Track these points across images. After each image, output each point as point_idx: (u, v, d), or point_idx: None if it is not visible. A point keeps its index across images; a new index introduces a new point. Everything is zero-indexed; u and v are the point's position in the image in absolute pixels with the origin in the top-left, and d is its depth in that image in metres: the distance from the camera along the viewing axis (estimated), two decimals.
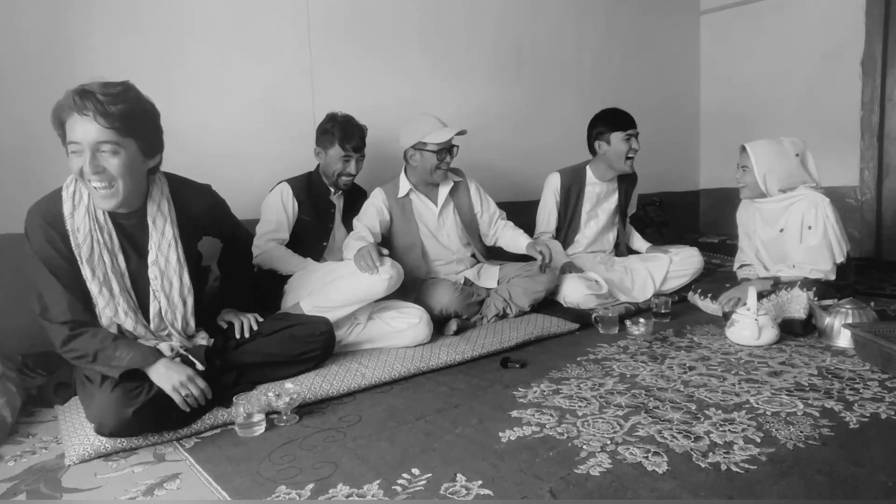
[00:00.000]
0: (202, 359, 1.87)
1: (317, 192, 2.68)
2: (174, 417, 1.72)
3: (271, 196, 2.61)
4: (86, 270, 1.71)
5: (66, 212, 1.70)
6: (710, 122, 4.84)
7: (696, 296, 3.03)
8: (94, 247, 1.71)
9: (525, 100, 3.80)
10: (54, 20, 2.34)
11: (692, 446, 1.55)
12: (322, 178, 2.70)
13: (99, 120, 1.56)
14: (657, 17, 4.50)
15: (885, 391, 1.88)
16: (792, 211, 2.73)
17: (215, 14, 2.70)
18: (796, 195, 2.72)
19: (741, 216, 3.02)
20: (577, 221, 3.30)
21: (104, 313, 1.75)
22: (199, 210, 1.95)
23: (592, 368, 2.19)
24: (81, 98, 1.56)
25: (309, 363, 2.10)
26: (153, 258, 1.80)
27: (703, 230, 4.82)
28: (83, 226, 1.70)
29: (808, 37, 4.21)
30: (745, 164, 2.78)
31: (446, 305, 2.63)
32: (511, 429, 1.69)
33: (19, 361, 2.19)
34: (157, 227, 1.81)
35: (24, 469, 1.59)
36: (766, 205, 2.80)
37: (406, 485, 1.42)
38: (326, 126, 2.62)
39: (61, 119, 1.60)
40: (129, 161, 1.64)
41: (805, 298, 2.52)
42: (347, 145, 2.59)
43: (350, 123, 2.61)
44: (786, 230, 2.75)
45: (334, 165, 2.62)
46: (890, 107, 4.00)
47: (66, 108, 1.58)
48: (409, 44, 3.31)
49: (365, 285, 2.32)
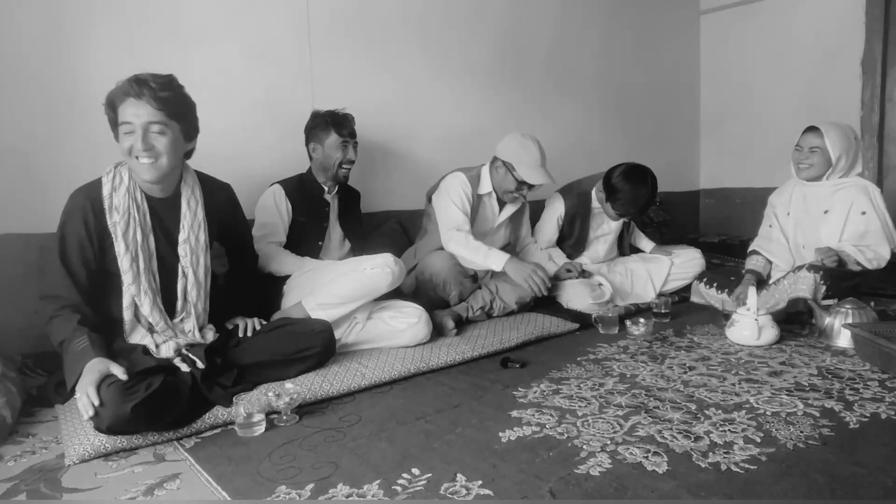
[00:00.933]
0: (202, 357, 1.88)
1: (310, 192, 2.67)
2: (173, 416, 1.72)
3: (264, 199, 2.59)
4: (119, 245, 1.83)
5: (105, 192, 1.85)
6: (710, 122, 4.83)
7: (701, 284, 3.04)
8: (129, 223, 1.85)
9: (525, 100, 3.80)
10: (54, 20, 2.34)
11: (692, 446, 1.55)
12: (315, 177, 2.69)
13: (151, 103, 1.78)
14: (657, 17, 4.49)
15: (885, 391, 1.88)
16: (840, 196, 2.74)
17: (215, 14, 2.70)
18: (847, 181, 2.74)
19: (776, 198, 3.01)
20: (583, 243, 3.29)
21: (128, 290, 1.86)
22: (220, 203, 2.09)
23: (592, 368, 2.19)
24: (138, 85, 1.77)
25: (308, 361, 2.09)
26: (185, 237, 1.95)
27: (703, 230, 4.82)
28: (122, 203, 1.85)
29: (808, 37, 4.20)
30: (816, 145, 2.73)
31: (438, 272, 2.67)
32: (511, 429, 1.69)
33: (19, 361, 2.19)
34: (191, 207, 1.96)
35: (24, 469, 1.59)
36: (816, 188, 2.80)
37: (406, 485, 1.42)
38: (317, 121, 2.64)
39: (115, 104, 1.80)
40: (173, 140, 1.85)
41: (812, 280, 2.53)
42: (343, 131, 2.61)
43: (338, 113, 2.65)
44: (831, 212, 2.76)
45: (334, 155, 2.61)
46: (890, 107, 4.00)
47: (122, 93, 1.78)
48: (409, 44, 3.31)
49: (369, 280, 2.31)
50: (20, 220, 2.30)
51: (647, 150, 4.37)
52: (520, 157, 2.76)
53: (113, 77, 1.82)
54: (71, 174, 2.24)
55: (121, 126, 1.80)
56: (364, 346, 2.38)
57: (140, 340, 1.89)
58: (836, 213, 2.74)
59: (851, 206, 2.70)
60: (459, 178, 2.84)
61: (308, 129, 2.67)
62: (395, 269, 2.35)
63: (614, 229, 3.33)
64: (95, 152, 2.20)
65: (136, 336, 1.90)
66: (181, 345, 1.92)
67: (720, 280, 3.00)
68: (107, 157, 1.95)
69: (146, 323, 1.91)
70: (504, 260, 2.69)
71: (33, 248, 2.29)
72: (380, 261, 2.35)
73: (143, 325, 1.91)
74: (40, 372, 2.20)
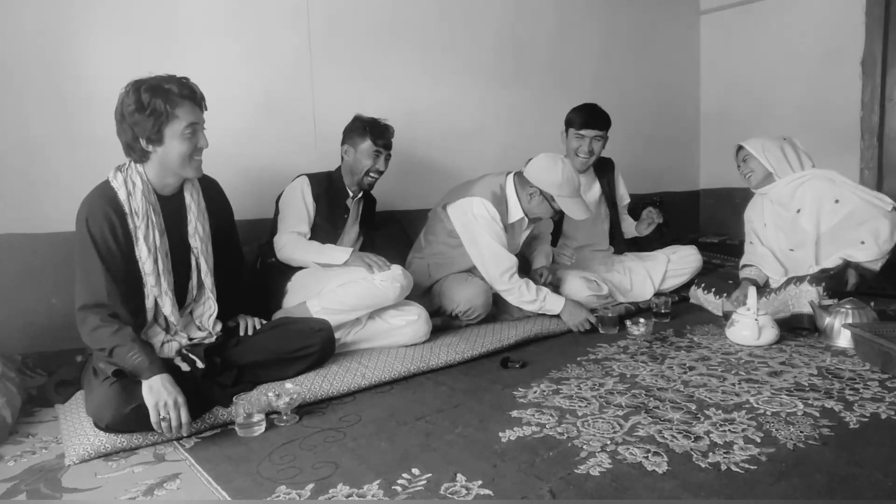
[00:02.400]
0: (202, 357, 1.88)
1: (334, 194, 2.62)
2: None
3: (290, 190, 2.55)
4: (142, 249, 1.85)
5: (122, 197, 1.84)
6: (710, 122, 4.83)
7: (700, 290, 3.03)
8: (149, 225, 1.86)
9: (525, 100, 3.80)
10: (54, 20, 2.34)
11: (692, 446, 1.55)
12: (343, 179, 2.65)
13: (203, 105, 1.90)
14: (657, 17, 4.49)
15: (885, 391, 1.88)
16: (804, 190, 2.75)
17: (215, 15, 2.70)
18: (804, 175, 2.76)
19: (750, 213, 3.02)
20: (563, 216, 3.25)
21: (151, 292, 1.88)
22: (213, 193, 2.11)
23: (592, 368, 2.19)
24: (192, 89, 1.86)
25: (308, 360, 2.10)
26: (193, 229, 1.98)
27: (703, 230, 4.82)
28: (141, 207, 1.86)
29: (808, 37, 4.20)
30: (744, 156, 2.86)
31: (475, 306, 2.62)
32: (511, 429, 1.69)
33: (19, 361, 2.19)
34: (194, 199, 1.99)
35: (24, 469, 1.59)
36: (776, 189, 2.82)
37: (406, 485, 1.42)
38: (356, 124, 2.61)
39: (170, 105, 1.81)
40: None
41: (815, 293, 2.53)
42: (379, 140, 2.58)
43: (380, 122, 2.62)
44: (802, 210, 2.76)
45: (364, 161, 2.58)
46: (890, 107, 3.99)
47: (178, 96, 1.82)
48: (409, 44, 3.31)
49: (378, 291, 2.33)
50: (20, 220, 2.30)
51: (647, 150, 4.37)
52: (562, 190, 2.58)
53: (113, 77, 1.83)
54: (71, 174, 2.25)
55: (186, 128, 1.84)
56: (364, 345, 2.38)
57: (155, 339, 1.89)
58: (808, 209, 2.75)
59: (821, 199, 2.71)
60: (490, 210, 2.62)
61: (346, 131, 2.64)
62: (405, 283, 2.38)
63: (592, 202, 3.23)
64: (96, 152, 2.20)
65: (151, 335, 1.90)
66: (182, 345, 1.92)
67: (719, 285, 2.97)
68: (107, 157, 1.95)
69: (164, 322, 1.92)
70: (561, 305, 2.68)
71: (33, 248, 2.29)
72: (389, 274, 2.36)
73: (161, 324, 1.92)
74: (40, 372, 2.20)
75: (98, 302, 1.75)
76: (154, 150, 1.84)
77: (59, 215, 2.17)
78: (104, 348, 1.72)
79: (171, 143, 1.84)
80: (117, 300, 1.77)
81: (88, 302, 1.76)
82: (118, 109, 1.83)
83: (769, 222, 2.90)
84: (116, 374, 1.70)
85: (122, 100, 1.82)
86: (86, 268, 1.79)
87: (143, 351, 1.72)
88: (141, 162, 1.87)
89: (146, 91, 1.79)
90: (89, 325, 1.74)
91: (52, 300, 2.31)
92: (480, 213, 2.62)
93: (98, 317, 1.74)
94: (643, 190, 4.04)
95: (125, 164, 1.88)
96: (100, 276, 1.76)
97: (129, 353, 1.70)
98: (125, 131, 1.82)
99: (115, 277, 1.79)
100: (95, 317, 1.74)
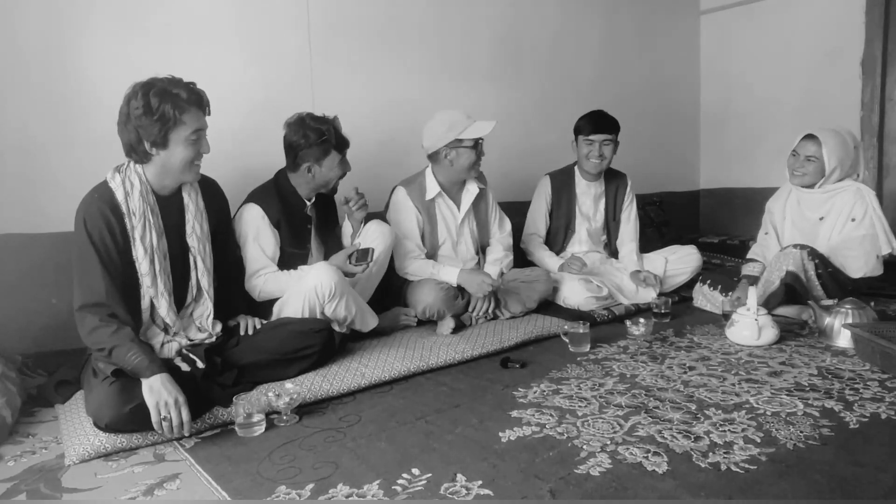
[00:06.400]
0: (202, 357, 1.88)
1: (291, 211, 2.41)
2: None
3: (246, 225, 2.32)
4: (138, 249, 1.85)
5: (119, 197, 1.84)
6: (710, 122, 4.83)
7: (705, 286, 3.03)
8: (146, 226, 1.86)
9: (525, 100, 3.79)
10: (54, 20, 2.34)
11: (692, 446, 1.55)
12: (296, 189, 2.44)
13: (207, 110, 1.91)
14: (657, 17, 4.49)
15: (885, 391, 1.88)
16: (836, 201, 2.74)
17: (215, 14, 2.70)
18: (842, 186, 2.73)
19: (772, 204, 3.00)
20: (573, 223, 3.29)
21: (147, 293, 1.87)
22: (212, 192, 2.11)
23: (592, 368, 2.19)
24: (199, 95, 1.86)
25: (307, 360, 2.10)
26: (191, 229, 1.98)
27: (703, 230, 4.82)
28: (138, 207, 1.85)
29: (808, 37, 4.20)
30: (813, 154, 2.72)
31: (430, 304, 2.61)
32: (511, 429, 1.70)
33: (19, 361, 2.20)
34: (192, 199, 1.99)
35: (24, 469, 1.59)
36: (811, 195, 2.80)
37: (406, 485, 1.42)
38: (310, 140, 2.34)
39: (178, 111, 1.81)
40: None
41: (799, 256, 2.58)
42: (344, 149, 2.46)
43: (334, 125, 2.43)
44: (826, 218, 2.76)
45: (332, 173, 2.44)
46: (890, 107, 3.99)
47: (185, 102, 1.82)
48: (409, 44, 3.31)
49: (311, 296, 2.23)
50: (20, 220, 2.30)
51: (647, 150, 4.37)
52: (458, 127, 2.67)
53: (113, 78, 1.83)
54: (71, 174, 2.25)
55: (191, 134, 1.85)
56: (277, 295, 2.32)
57: (154, 340, 1.89)
58: (830, 220, 2.74)
59: (845, 213, 2.71)
60: (400, 193, 2.76)
61: (300, 148, 2.36)
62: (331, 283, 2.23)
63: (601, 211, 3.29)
64: (96, 152, 2.20)
65: (151, 336, 1.90)
66: (182, 345, 1.93)
67: (724, 282, 2.97)
68: (107, 157, 1.95)
69: (161, 323, 1.92)
70: (456, 273, 2.72)
71: (33, 248, 2.29)
72: (312, 280, 2.24)
73: (159, 325, 1.92)
74: (40, 372, 2.20)
75: (97, 302, 1.75)
76: (157, 153, 1.84)
77: (59, 215, 2.17)
78: (103, 348, 1.72)
79: (176, 148, 1.84)
80: (116, 300, 1.77)
81: (87, 302, 1.75)
82: (123, 111, 1.81)
83: (789, 217, 2.89)
84: (116, 373, 1.70)
85: (129, 101, 1.80)
86: (84, 268, 1.78)
87: (143, 351, 1.72)
88: (141, 163, 1.87)
89: (155, 95, 1.78)
90: (88, 326, 1.74)
91: (52, 300, 2.31)
92: (394, 199, 2.81)
93: (97, 317, 1.73)
94: (643, 190, 4.04)
95: (124, 165, 1.88)
96: (98, 277, 1.76)
97: (129, 353, 1.70)
98: (129, 133, 1.81)
99: (114, 277, 1.79)
100: (94, 317, 1.74)
